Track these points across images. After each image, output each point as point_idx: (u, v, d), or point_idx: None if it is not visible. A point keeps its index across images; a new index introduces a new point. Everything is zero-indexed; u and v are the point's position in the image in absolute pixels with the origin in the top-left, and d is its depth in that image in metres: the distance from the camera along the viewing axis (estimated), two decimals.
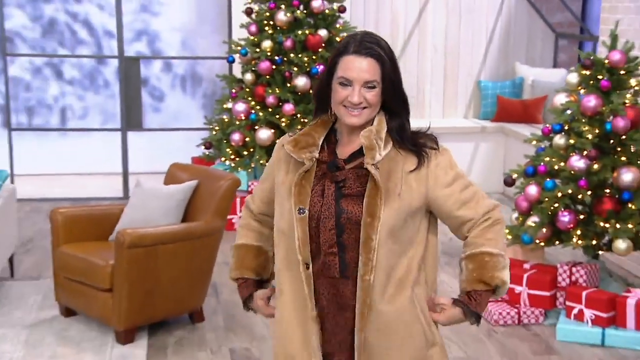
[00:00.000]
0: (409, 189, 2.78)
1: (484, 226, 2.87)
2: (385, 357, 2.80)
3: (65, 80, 9.93)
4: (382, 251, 2.71)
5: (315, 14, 8.10)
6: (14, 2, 9.77)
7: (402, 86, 2.83)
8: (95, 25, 9.73)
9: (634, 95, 5.94)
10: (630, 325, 5.61)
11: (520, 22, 10.27)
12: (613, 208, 5.85)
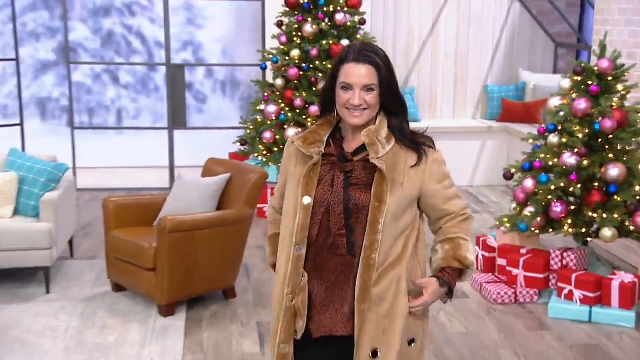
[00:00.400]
0: (410, 180, 2.84)
1: (459, 219, 2.99)
2: (377, 324, 2.81)
3: (121, 85, 10.01)
4: (385, 233, 2.77)
5: (338, 26, 8.09)
6: (77, 16, 9.84)
7: (398, 89, 2.89)
8: (147, 36, 9.80)
9: (620, 98, 5.91)
10: (615, 304, 5.59)
11: (523, 32, 10.21)
12: (600, 199, 5.84)
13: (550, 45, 10.24)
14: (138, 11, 9.83)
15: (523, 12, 10.13)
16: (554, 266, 6.01)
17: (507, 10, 10.11)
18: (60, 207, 6.20)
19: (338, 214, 2.81)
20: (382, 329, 2.84)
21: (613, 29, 7.06)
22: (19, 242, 5.89)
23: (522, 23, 10.17)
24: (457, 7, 10.02)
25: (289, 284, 2.86)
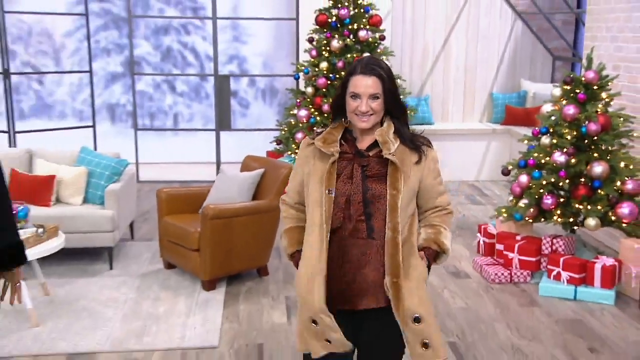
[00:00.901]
0: (414, 175, 2.89)
1: (444, 212, 3.09)
2: (411, 294, 2.82)
3: (177, 93, 10.07)
4: (402, 217, 2.84)
5: (361, 42, 8.07)
6: (141, 35, 9.92)
7: (399, 97, 2.93)
8: (199, 51, 9.85)
9: (604, 105, 5.88)
10: (597, 284, 5.57)
11: (524, 47, 10.10)
12: (586, 193, 5.81)
13: (548, 59, 10.12)
14: (192, 30, 9.89)
15: (525, 29, 10.02)
16: (544, 251, 5.98)
17: (510, 28, 10.02)
18: (122, 196, 6.27)
19: (358, 203, 2.84)
20: (417, 297, 2.85)
21: (601, 44, 6.99)
22: (87, 226, 5.97)
23: (524, 39, 10.06)
24: (467, 25, 9.94)
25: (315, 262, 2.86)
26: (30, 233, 5.14)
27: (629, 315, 5.30)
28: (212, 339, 4.79)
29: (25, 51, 9.76)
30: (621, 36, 6.66)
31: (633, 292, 5.53)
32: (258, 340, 4.80)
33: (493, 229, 6.45)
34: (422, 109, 9.72)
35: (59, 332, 4.91)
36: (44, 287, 5.56)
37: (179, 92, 10.07)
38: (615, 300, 5.49)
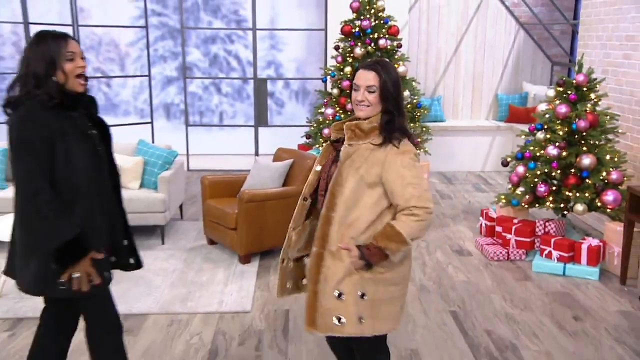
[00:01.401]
0: (370, 167, 2.73)
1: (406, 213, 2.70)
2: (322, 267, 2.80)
3: (222, 94, 10.17)
4: (340, 200, 2.75)
5: (381, 49, 8.03)
6: (192, 44, 10.01)
7: (396, 96, 2.77)
8: (241, 58, 9.92)
9: (593, 105, 5.81)
10: (583, 262, 5.52)
11: (526, 53, 9.99)
12: (575, 182, 5.77)
13: (547, 64, 10.00)
14: (236, 40, 9.95)
15: (527, 38, 9.91)
16: (538, 232, 5.95)
17: (514, 37, 9.91)
18: (172, 182, 6.34)
19: (323, 180, 2.86)
20: (327, 269, 2.80)
21: (592, 51, 6.89)
22: (143, 207, 6.05)
23: (526, 47, 9.95)
24: (475, 35, 9.86)
25: (295, 220, 2.99)
26: None
27: (610, 289, 5.24)
28: (245, 305, 4.83)
29: (96, 58, 9.91)
30: (609, 44, 6.55)
31: (615, 269, 5.47)
32: (285, 307, 4.82)
33: (493, 213, 6.42)
34: (435, 108, 9.67)
35: (118, 295, 4.84)
36: None
37: (224, 93, 10.16)
38: (599, 276, 5.43)
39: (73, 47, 2.77)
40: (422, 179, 2.73)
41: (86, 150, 2.81)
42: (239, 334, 4.40)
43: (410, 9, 9.51)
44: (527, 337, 4.38)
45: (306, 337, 4.34)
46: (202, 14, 9.85)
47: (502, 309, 4.83)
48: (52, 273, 2.77)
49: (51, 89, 2.71)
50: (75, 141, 2.76)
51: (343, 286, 2.76)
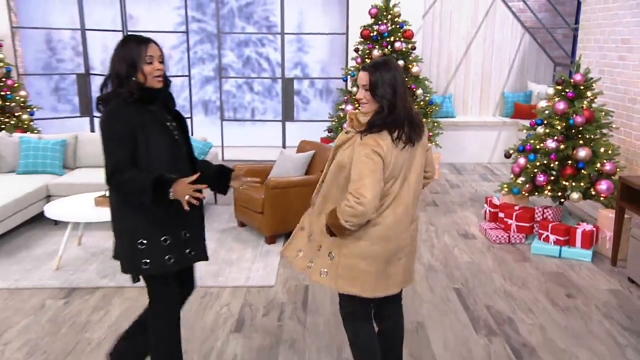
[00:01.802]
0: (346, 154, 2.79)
1: (344, 200, 2.74)
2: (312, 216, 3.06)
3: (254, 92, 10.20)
4: (327, 181, 2.91)
5: (397, 51, 8.03)
6: (228, 47, 10.07)
7: (389, 92, 2.71)
8: (271, 59, 9.95)
9: (589, 102, 5.73)
10: (578, 245, 5.49)
11: (531, 55, 9.87)
12: (572, 173, 5.75)
13: (550, 65, 9.87)
14: (267, 43, 9.98)
15: (531, 41, 9.79)
16: (537, 218, 5.92)
17: (519, 40, 9.79)
18: None
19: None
20: (313, 217, 3.04)
21: (590, 53, 6.81)
22: None
23: (530, 49, 9.83)
24: (484, 38, 9.76)
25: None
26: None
27: (602, 270, 5.21)
28: (270, 280, 4.89)
29: None
30: (606, 46, 6.47)
31: (607, 251, 5.43)
32: (305, 282, 4.88)
33: (497, 200, 6.40)
34: (446, 105, 9.63)
35: None
36: None
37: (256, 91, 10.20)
38: (592, 257, 5.41)
39: (152, 51, 2.84)
40: (366, 173, 2.66)
41: (165, 139, 2.88)
42: (263, 305, 4.47)
43: (425, 14, 9.46)
44: (523, 312, 4.39)
45: (323, 310, 4.40)
46: (237, 20, 9.91)
47: (501, 286, 4.83)
48: (138, 253, 2.88)
49: (132, 87, 2.81)
50: (154, 132, 2.85)
51: (322, 243, 2.95)
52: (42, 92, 9.57)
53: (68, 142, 6.75)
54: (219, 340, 3.96)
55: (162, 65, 2.89)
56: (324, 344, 3.91)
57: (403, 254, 2.94)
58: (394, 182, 2.77)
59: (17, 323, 4.17)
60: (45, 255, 5.35)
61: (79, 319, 4.24)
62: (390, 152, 2.69)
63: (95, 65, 9.35)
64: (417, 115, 2.84)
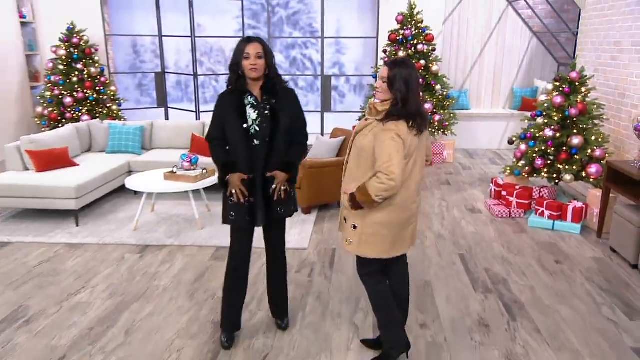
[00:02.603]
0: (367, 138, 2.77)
1: (374, 176, 2.72)
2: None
3: (299, 87, 10.20)
4: (351, 159, 2.87)
5: (419, 52, 7.92)
6: (277, 49, 10.08)
7: (404, 87, 2.70)
8: (313, 60, 9.91)
9: (583, 96, 5.54)
10: (569, 220, 5.37)
11: (537, 56, 9.57)
12: (566, 158, 5.60)
13: (554, 65, 9.57)
14: (310, 46, 9.94)
15: (538, 44, 9.49)
16: (535, 196, 5.81)
17: (528, 43, 9.50)
18: None
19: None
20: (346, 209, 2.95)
21: (587, 54, 6.57)
22: None
23: (537, 51, 9.54)
24: (497, 41, 9.51)
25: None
26: (198, 172, 5.40)
27: (588, 241, 5.10)
28: (304, 244, 4.94)
29: (208, 61, 10.13)
30: (601, 48, 6.24)
31: (594, 225, 5.31)
32: (333, 246, 4.93)
33: (501, 180, 6.30)
34: (463, 99, 9.45)
35: (212, 233, 5.16)
36: (207, 206, 5.86)
37: (300, 87, 10.19)
38: (581, 230, 5.29)
39: (249, 49, 2.92)
40: (394, 154, 2.65)
41: (236, 127, 2.99)
42: (297, 264, 4.54)
43: (445, 21, 9.28)
44: (516, 275, 4.36)
45: (346, 269, 4.46)
46: (285, 27, 9.90)
47: (500, 253, 4.80)
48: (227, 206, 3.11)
49: (231, 79, 2.99)
50: (232, 118, 2.99)
51: (346, 217, 2.96)
52: (129, 87, 9.81)
53: (145, 128, 6.94)
54: (259, 291, 4.07)
55: (259, 61, 2.94)
56: (345, 297, 3.98)
57: (413, 220, 2.98)
58: (408, 162, 2.78)
59: (102, 271, 4.38)
60: (126, 219, 5.56)
61: (149, 269, 4.42)
62: (406, 137, 2.71)
63: (169, 65, 9.54)
64: (424, 109, 2.84)
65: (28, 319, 3.65)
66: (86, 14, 8.66)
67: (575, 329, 3.56)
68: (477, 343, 3.39)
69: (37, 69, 8.94)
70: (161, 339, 3.41)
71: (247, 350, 3.30)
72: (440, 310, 3.78)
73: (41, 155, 5.70)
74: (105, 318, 3.66)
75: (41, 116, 8.07)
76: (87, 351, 3.29)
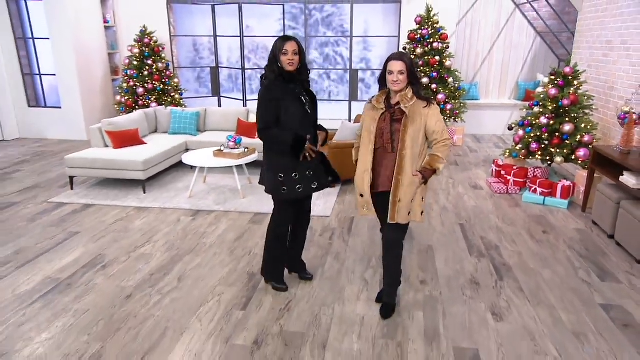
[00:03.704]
0: (421, 118, 2.78)
1: (442, 144, 2.85)
2: (403, 187, 2.84)
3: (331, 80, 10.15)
4: (407, 143, 2.77)
5: (434, 49, 7.76)
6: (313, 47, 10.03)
7: (416, 73, 2.79)
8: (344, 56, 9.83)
9: (575, 89, 5.35)
10: (558, 196, 5.24)
11: (540, 53, 9.19)
12: (558, 142, 5.43)
13: (556, 61, 9.16)
14: (341, 44, 9.84)
15: (542, 42, 9.11)
16: (529, 176, 5.67)
17: (532, 41, 9.13)
18: None
19: (387, 133, 2.83)
20: (404, 190, 2.85)
21: (582, 51, 6.32)
22: None
23: (541, 49, 9.16)
24: (504, 40, 9.17)
25: (366, 163, 2.90)
26: (241, 151, 5.47)
27: (574, 215, 4.98)
28: (327, 212, 4.97)
29: (255, 57, 10.20)
30: (594, 46, 5.98)
31: (580, 202, 5.18)
32: (352, 215, 4.96)
33: (501, 161, 6.19)
34: (473, 90, 9.22)
35: (253, 201, 5.24)
36: (249, 179, 5.95)
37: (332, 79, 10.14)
38: (568, 206, 5.17)
39: (287, 46, 2.97)
40: (444, 123, 2.86)
41: (297, 107, 3.04)
42: (320, 228, 4.61)
43: (459, 22, 9.03)
44: (507, 242, 4.33)
45: (362, 234, 4.51)
46: (320, 27, 9.84)
47: (495, 224, 4.75)
48: (278, 183, 3.12)
49: (275, 70, 2.99)
50: (291, 102, 3.01)
51: (415, 196, 2.90)
52: (189, 80, 10.00)
53: (200, 114, 7.07)
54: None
55: (295, 57, 2.99)
56: (359, 257, 4.04)
57: None
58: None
59: (162, 229, 4.58)
60: (183, 188, 5.74)
61: (199, 230, 4.60)
62: None
63: (222, 61, 9.66)
64: None
65: (105, 264, 3.89)
66: (155, 19, 8.84)
67: (553, 288, 3.54)
68: (467, 297, 3.42)
69: (117, 64, 9.21)
70: (206, 286, 3.57)
71: (275, 296, 3.43)
72: (438, 270, 3.81)
73: (117, 135, 5.94)
74: (163, 267, 3.86)
75: (119, 103, 8.36)
76: (147, 292, 3.49)
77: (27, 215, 4.89)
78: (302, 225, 3.46)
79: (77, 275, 3.72)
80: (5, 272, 3.74)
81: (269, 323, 3.12)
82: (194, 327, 3.07)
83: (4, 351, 2.85)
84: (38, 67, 8.49)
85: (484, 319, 3.17)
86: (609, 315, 3.21)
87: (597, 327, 3.11)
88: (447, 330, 3.05)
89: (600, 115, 5.74)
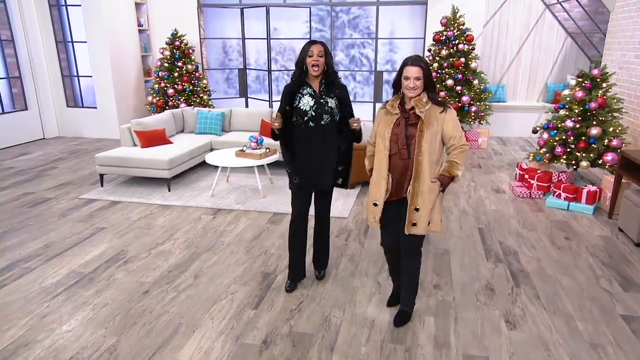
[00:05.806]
0: (437, 123, 2.68)
1: (459, 150, 2.74)
2: (421, 194, 2.75)
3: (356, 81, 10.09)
4: (424, 148, 2.67)
5: (460, 51, 7.59)
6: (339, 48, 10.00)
7: (432, 78, 2.70)
8: (369, 57, 9.74)
9: (603, 91, 5.12)
10: (583, 201, 5.04)
11: (571, 54, 8.87)
12: (584, 146, 5.21)
13: (587, 62, 8.82)
14: (367, 46, 9.76)
15: (572, 43, 8.79)
16: (553, 180, 5.48)
17: (562, 42, 8.82)
18: None
19: (402, 138, 2.73)
20: (422, 198, 2.75)
21: (614, 52, 6.06)
22: None
23: (571, 49, 8.83)
24: (533, 41, 8.89)
25: (383, 171, 2.81)
26: (262, 151, 5.49)
27: (599, 221, 4.78)
28: (345, 213, 4.94)
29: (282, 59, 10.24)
30: (626, 47, 5.71)
31: (606, 207, 4.96)
32: None
33: (525, 165, 6.00)
34: (500, 92, 8.98)
35: (273, 201, 5.26)
36: (270, 179, 5.96)
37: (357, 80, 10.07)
38: (593, 211, 4.97)
39: (313, 49, 3.05)
40: (461, 128, 2.79)
41: (304, 106, 3.10)
42: (337, 229, 4.58)
43: (486, 23, 8.80)
44: (527, 248, 4.18)
45: (378, 237, 4.44)
46: (346, 29, 9.79)
47: (515, 229, 4.61)
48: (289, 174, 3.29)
49: (295, 73, 3.11)
50: (299, 100, 3.11)
51: (434, 203, 2.80)
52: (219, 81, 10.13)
53: (225, 114, 7.15)
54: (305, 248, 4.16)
55: (320, 58, 3.05)
56: (373, 260, 3.99)
57: None
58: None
59: (183, 227, 4.66)
60: (206, 187, 5.81)
61: (219, 228, 4.64)
62: None
63: (250, 62, 9.75)
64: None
65: (126, 260, 3.98)
66: (186, 22, 9.00)
67: (571, 297, 3.40)
68: (481, 303, 3.32)
69: (149, 66, 9.44)
70: (220, 283, 3.60)
71: (287, 296, 3.42)
72: (453, 275, 3.72)
73: (145, 135, 6.07)
74: (181, 264, 3.91)
75: (151, 104, 8.56)
76: (164, 288, 3.55)
77: (59, 211, 5.06)
78: (320, 224, 3.47)
79: (99, 269, 3.82)
80: (35, 265, 3.88)
81: (279, 323, 3.11)
82: (206, 325, 3.10)
83: (26, 341, 2.95)
84: (76, 69, 8.79)
85: (497, 326, 3.07)
86: (630, 327, 3.06)
87: (617, 338, 2.96)
88: (458, 337, 2.97)
89: (631, 118, 5.48)
